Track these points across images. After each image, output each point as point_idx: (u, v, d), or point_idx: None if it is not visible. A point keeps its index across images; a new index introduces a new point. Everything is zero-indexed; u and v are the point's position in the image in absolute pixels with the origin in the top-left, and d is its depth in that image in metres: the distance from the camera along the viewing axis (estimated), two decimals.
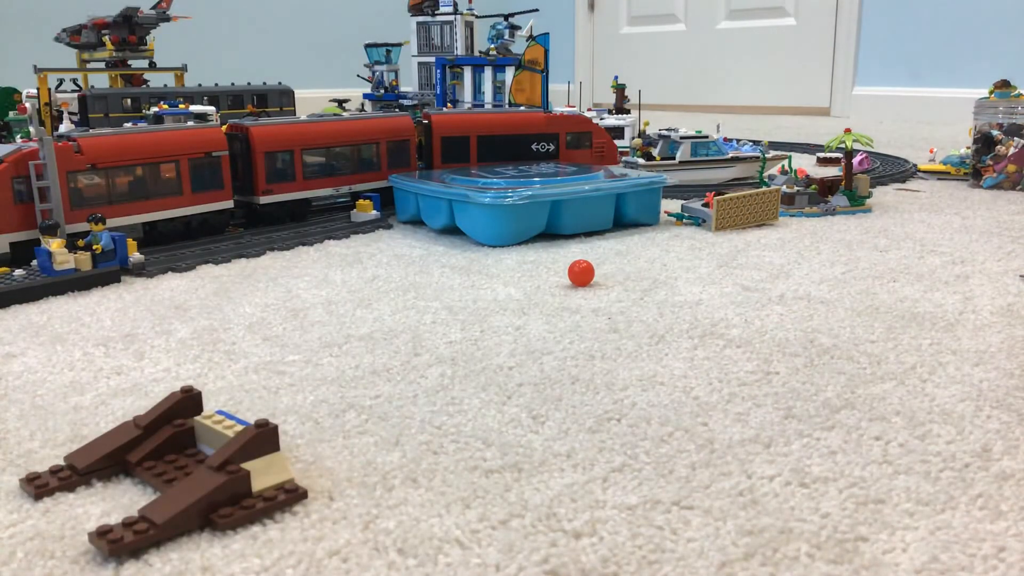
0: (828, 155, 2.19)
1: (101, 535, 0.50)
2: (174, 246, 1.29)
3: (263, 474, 0.56)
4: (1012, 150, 1.74)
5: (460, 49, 2.65)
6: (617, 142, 1.94)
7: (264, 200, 1.42)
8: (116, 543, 0.50)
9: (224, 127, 1.41)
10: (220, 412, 0.62)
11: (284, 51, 4.03)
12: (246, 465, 0.55)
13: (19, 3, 3.39)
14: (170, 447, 0.61)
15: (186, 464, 0.59)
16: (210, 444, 0.60)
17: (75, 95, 2.35)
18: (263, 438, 0.56)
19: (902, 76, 3.49)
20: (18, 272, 1.08)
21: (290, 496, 0.55)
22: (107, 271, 1.10)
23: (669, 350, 0.84)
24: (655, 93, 4.14)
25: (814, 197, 1.53)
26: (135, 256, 1.16)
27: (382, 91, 2.72)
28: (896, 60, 3.50)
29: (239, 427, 0.59)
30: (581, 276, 1.07)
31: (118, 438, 0.61)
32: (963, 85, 3.19)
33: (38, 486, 0.57)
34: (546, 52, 2.39)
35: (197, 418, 0.62)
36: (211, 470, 0.54)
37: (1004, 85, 1.88)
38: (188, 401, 0.63)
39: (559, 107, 2.26)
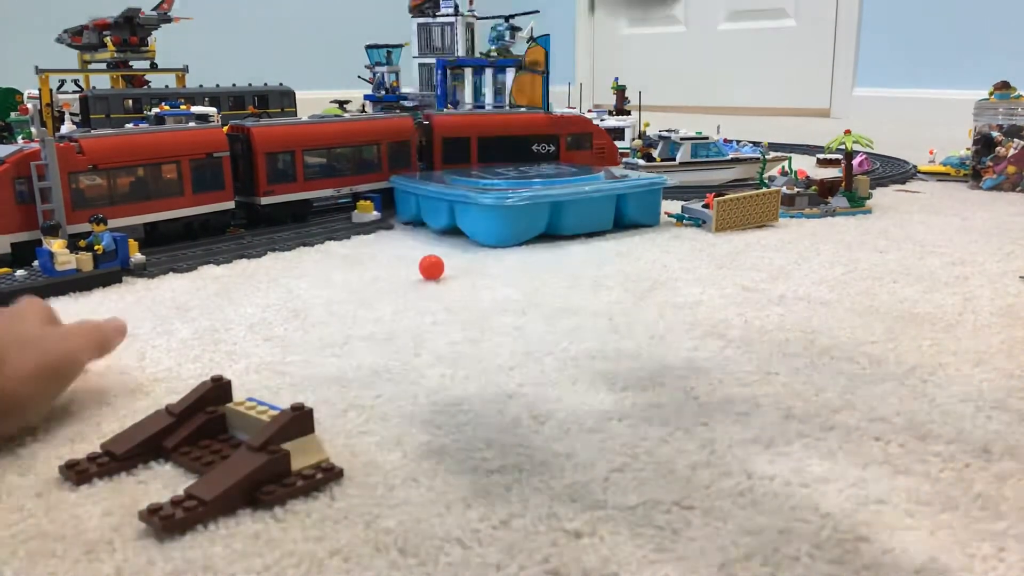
0: (828, 156, 2.19)
1: (153, 512, 0.52)
2: (175, 247, 1.29)
3: (300, 454, 0.58)
4: (1012, 151, 1.74)
5: (461, 50, 2.65)
6: (617, 143, 1.94)
7: (265, 201, 1.42)
8: (168, 519, 0.52)
9: (225, 128, 1.42)
10: (251, 399, 0.64)
11: (285, 52, 4.03)
12: (284, 446, 0.58)
13: (20, 4, 3.40)
14: (203, 433, 0.63)
15: (220, 449, 0.62)
16: (243, 429, 0.63)
17: (76, 96, 2.36)
18: (299, 420, 0.59)
19: (902, 77, 3.50)
20: (20, 273, 1.08)
21: (327, 475, 0.58)
22: (108, 271, 1.10)
23: (669, 350, 0.84)
24: (655, 94, 4.13)
25: (814, 198, 1.53)
26: (136, 257, 1.16)
27: (383, 92, 2.73)
28: (896, 61, 3.50)
29: (272, 412, 0.61)
30: (430, 270, 1.10)
31: (152, 425, 0.63)
32: (963, 86, 3.19)
33: (79, 472, 0.59)
34: (547, 53, 2.39)
35: (229, 405, 0.64)
36: (252, 451, 0.57)
37: (1004, 86, 1.89)
38: (218, 390, 0.65)
39: (559, 108, 2.26)
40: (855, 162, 1.85)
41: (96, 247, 1.11)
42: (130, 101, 2.32)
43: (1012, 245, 1.26)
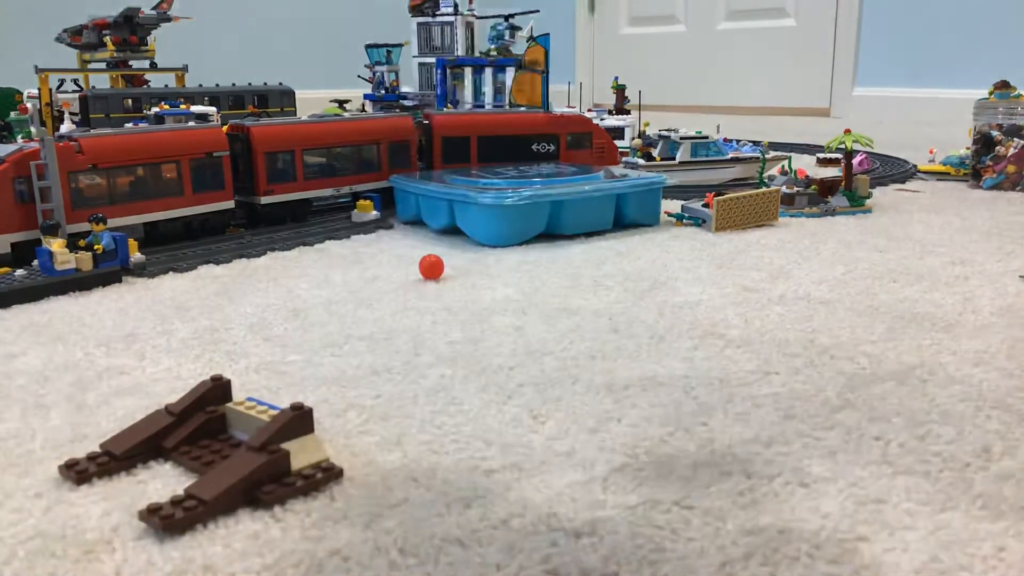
0: (828, 156, 2.19)
1: (152, 512, 0.52)
2: (175, 246, 1.29)
3: (300, 454, 0.58)
4: (1012, 151, 1.74)
5: (461, 50, 2.65)
6: (617, 143, 1.94)
7: (265, 200, 1.42)
8: (168, 519, 0.52)
9: (225, 127, 1.41)
10: (251, 399, 0.64)
11: (285, 52, 4.03)
12: (284, 445, 0.58)
13: (20, 3, 3.39)
14: (203, 433, 0.63)
15: (220, 448, 0.62)
16: (243, 429, 0.63)
17: (76, 95, 2.36)
18: (299, 420, 0.59)
19: (902, 76, 3.49)
20: (19, 272, 1.08)
21: (327, 474, 0.58)
22: (108, 271, 1.10)
23: (669, 350, 0.84)
24: (655, 94, 4.14)
25: (814, 198, 1.53)
26: (136, 256, 1.16)
27: (383, 92, 2.73)
28: (896, 60, 3.50)
29: (272, 411, 0.61)
30: (430, 270, 1.10)
31: (152, 425, 0.63)
32: (963, 85, 3.19)
33: (78, 471, 0.59)
34: (546, 53, 2.39)
35: (229, 404, 0.64)
36: (252, 450, 0.57)
37: (1004, 86, 1.89)
38: (218, 389, 0.65)
39: (559, 108, 2.26)
40: (855, 161, 1.85)
41: (96, 247, 1.11)
42: (130, 101, 2.32)
43: (1012, 244, 1.26)
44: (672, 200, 1.59)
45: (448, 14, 2.66)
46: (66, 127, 2.08)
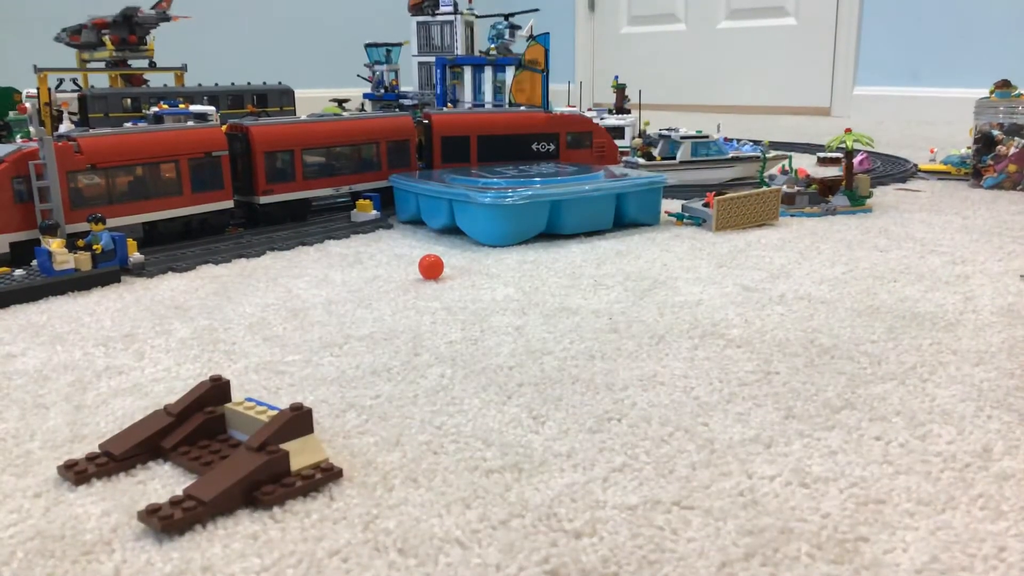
0: (828, 155, 2.19)
1: (151, 513, 0.52)
2: (174, 246, 1.29)
3: (299, 454, 0.58)
4: (1012, 150, 1.74)
5: (460, 49, 2.65)
6: (617, 142, 1.94)
7: (264, 200, 1.42)
8: (167, 520, 0.52)
9: (224, 127, 1.41)
10: (250, 399, 0.64)
11: (284, 51, 4.03)
12: (283, 446, 0.58)
13: (19, 3, 3.39)
14: (202, 434, 0.63)
15: (219, 449, 0.61)
16: (242, 429, 0.63)
17: (75, 95, 2.35)
18: (298, 420, 0.59)
19: (902, 76, 3.49)
20: (18, 272, 1.08)
21: (326, 475, 0.58)
22: (107, 271, 1.10)
23: (669, 350, 0.84)
24: (655, 93, 4.14)
25: (814, 197, 1.53)
26: (135, 256, 1.16)
27: (382, 91, 2.72)
28: (896, 60, 3.50)
29: (271, 412, 0.61)
30: (430, 269, 1.10)
31: (151, 425, 0.63)
32: (963, 85, 3.19)
33: (77, 472, 0.59)
34: (546, 52, 2.39)
35: (228, 405, 0.64)
36: (251, 451, 0.57)
37: (1004, 85, 1.88)
38: (217, 390, 0.65)
39: (559, 107, 2.26)
40: (856, 161, 1.85)
41: (95, 246, 1.10)
42: (129, 100, 2.32)
43: (1013, 244, 1.26)
44: (672, 200, 1.59)
45: (448, 13, 2.66)
46: (65, 127, 2.07)
